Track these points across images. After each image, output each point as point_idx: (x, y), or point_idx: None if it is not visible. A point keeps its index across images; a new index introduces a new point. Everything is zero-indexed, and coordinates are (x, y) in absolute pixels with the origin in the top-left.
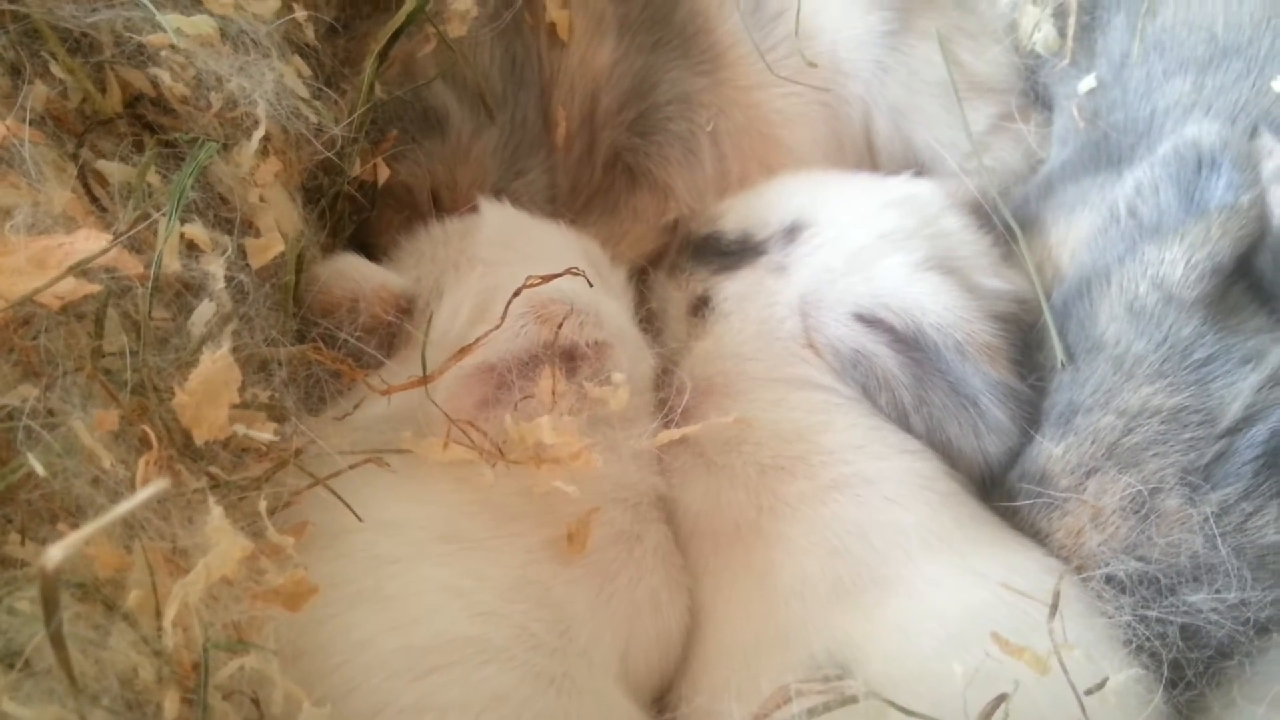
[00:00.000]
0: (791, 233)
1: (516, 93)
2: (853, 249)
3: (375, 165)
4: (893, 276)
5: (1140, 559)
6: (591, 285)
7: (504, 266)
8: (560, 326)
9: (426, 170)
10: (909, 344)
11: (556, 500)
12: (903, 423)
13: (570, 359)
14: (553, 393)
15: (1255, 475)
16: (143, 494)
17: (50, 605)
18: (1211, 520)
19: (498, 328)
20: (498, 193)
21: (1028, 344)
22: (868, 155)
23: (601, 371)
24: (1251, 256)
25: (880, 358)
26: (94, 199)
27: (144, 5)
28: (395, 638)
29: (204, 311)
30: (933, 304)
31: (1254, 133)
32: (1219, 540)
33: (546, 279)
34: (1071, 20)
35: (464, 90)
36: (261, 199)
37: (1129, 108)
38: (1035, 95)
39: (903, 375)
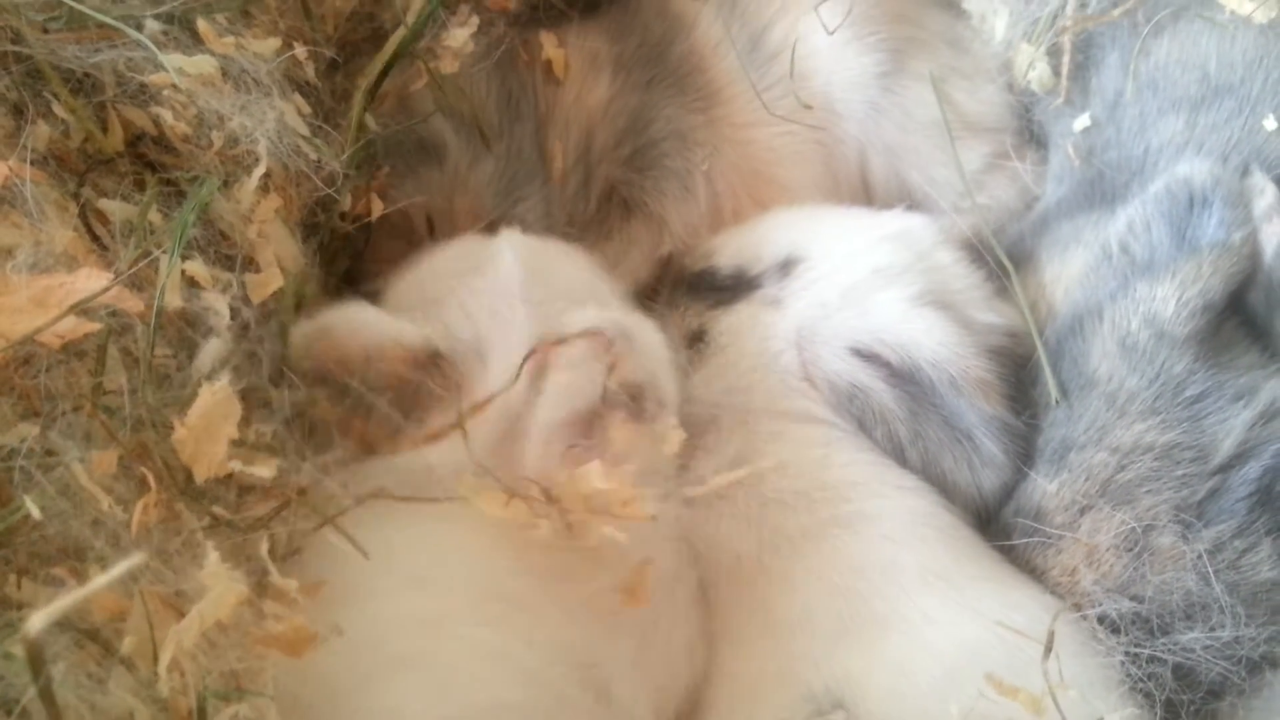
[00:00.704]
0: (786, 267)
1: (512, 125)
2: (848, 283)
3: (369, 200)
4: (888, 311)
5: (1134, 598)
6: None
7: (543, 305)
8: (617, 367)
9: (422, 196)
10: (905, 378)
11: (603, 551)
12: (898, 456)
13: (636, 400)
14: (616, 438)
15: (1249, 512)
16: (121, 566)
17: (37, 666)
18: (1205, 558)
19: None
20: (494, 222)
21: (1022, 380)
22: (863, 194)
23: (659, 413)
24: (1244, 293)
25: (876, 392)
26: (95, 238)
27: (146, 45)
28: (437, 708)
29: (211, 349)
30: (928, 339)
31: (1246, 171)
32: (1212, 577)
33: (588, 334)
34: (1066, 59)
35: (460, 122)
36: (261, 235)
37: (1123, 146)
38: (1030, 133)
39: (898, 409)
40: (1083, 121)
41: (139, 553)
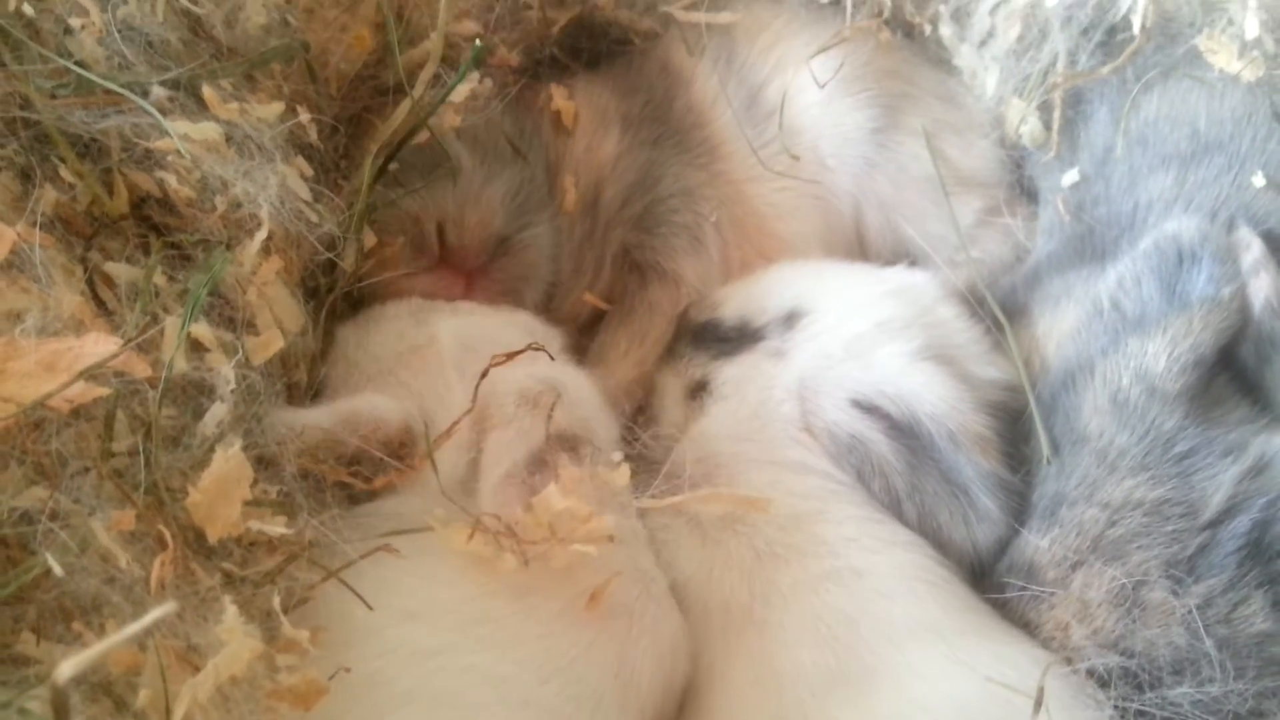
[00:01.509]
0: (790, 319)
1: (526, 154)
2: (851, 336)
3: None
4: (890, 365)
5: (1124, 653)
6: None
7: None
8: (551, 413)
9: (435, 204)
10: (904, 431)
11: (572, 565)
12: (895, 508)
13: (572, 446)
14: (562, 478)
15: (1239, 566)
16: (152, 615)
17: (62, 715)
18: (1195, 613)
19: (469, 412)
20: (504, 238)
21: (1017, 435)
22: (858, 248)
23: (597, 456)
24: (1234, 348)
25: (875, 444)
26: (100, 302)
27: (151, 113)
28: None
29: (216, 413)
30: (929, 393)
31: (1232, 226)
32: (1203, 632)
33: (510, 356)
34: (1056, 114)
35: (475, 144)
36: (261, 297)
37: (1112, 201)
38: (1022, 187)
39: (897, 462)
40: (1071, 177)
41: (170, 602)
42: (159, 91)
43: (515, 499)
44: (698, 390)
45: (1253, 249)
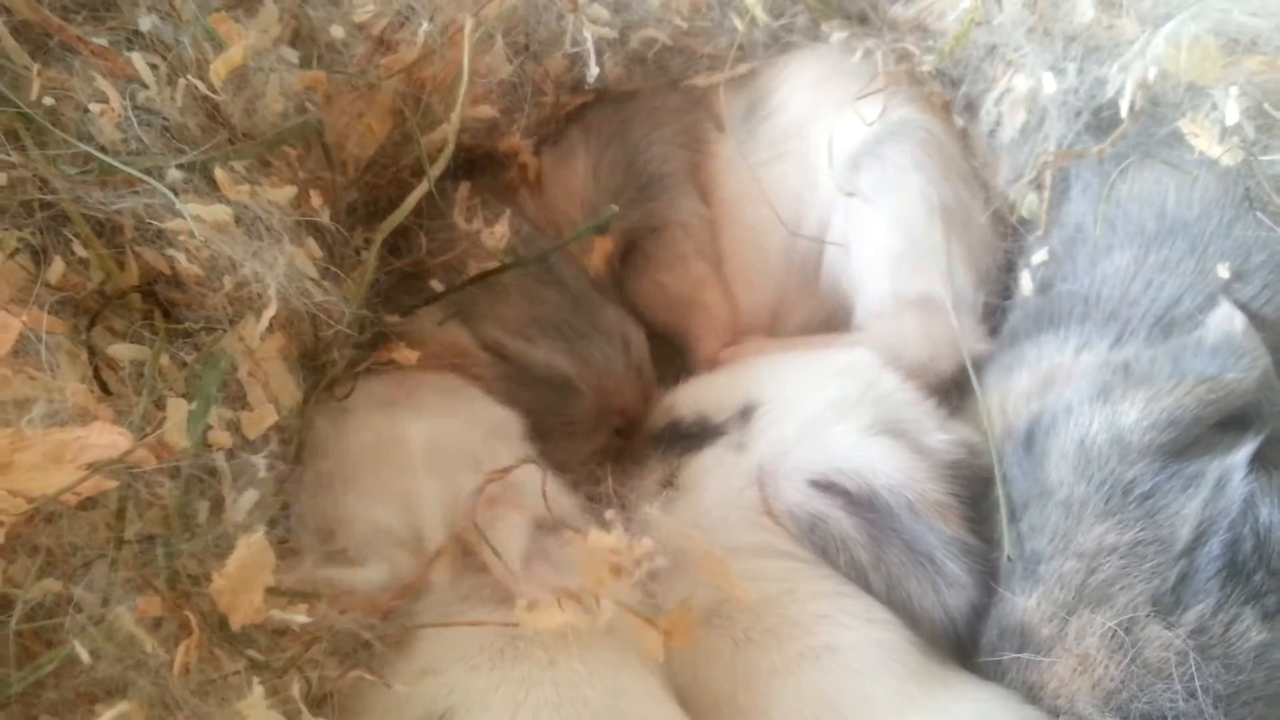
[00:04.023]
0: (745, 413)
1: (560, 275)
2: (804, 419)
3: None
4: (844, 442)
5: (1130, 703)
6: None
7: (447, 477)
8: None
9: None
10: (864, 505)
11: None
12: (862, 581)
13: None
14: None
15: (1222, 588)
16: None
17: None
18: (1191, 638)
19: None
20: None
21: (979, 496)
22: (815, 280)
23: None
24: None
25: (836, 520)
26: (104, 385)
27: (168, 197)
28: None
29: (246, 501)
30: (884, 465)
31: (1212, 304)
32: (1202, 661)
33: (502, 474)
34: (1046, 195)
35: (556, 338)
36: (253, 374)
37: (1076, 278)
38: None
39: (859, 535)
40: (1040, 256)
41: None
42: (174, 174)
43: (546, 569)
44: (665, 486)
45: (1235, 321)
